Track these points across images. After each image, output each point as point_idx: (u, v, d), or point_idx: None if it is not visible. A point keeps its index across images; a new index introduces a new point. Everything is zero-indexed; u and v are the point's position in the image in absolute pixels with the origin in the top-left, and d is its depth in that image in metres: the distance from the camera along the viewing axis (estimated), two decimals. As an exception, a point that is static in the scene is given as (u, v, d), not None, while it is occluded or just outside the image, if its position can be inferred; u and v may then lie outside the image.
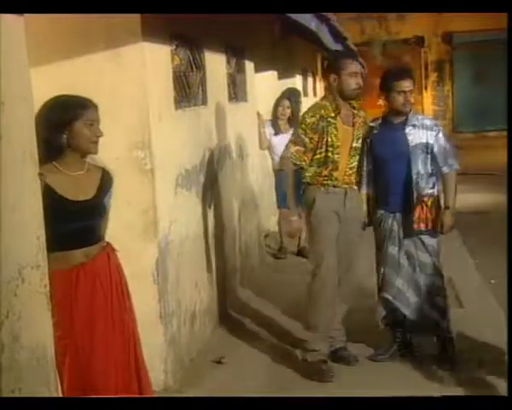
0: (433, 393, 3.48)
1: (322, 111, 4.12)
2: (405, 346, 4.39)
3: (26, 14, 2.15)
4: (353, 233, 4.28)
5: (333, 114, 4.13)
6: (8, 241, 2.01)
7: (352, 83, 4.14)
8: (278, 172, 7.07)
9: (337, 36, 9.80)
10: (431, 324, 4.23)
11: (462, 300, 5.26)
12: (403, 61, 19.19)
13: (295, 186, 6.81)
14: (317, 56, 14.45)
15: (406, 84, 4.14)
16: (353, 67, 4.17)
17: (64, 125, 2.83)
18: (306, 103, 10.11)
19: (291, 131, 6.98)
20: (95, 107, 2.92)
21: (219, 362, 4.46)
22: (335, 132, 4.11)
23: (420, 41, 20.31)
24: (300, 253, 7.13)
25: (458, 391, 3.63)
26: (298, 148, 4.13)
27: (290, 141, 4.24)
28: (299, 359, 4.29)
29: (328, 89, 4.27)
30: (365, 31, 19.85)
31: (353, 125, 4.20)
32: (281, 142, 6.95)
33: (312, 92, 13.44)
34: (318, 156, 4.14)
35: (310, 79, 13.10)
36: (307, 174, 4.18)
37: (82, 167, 2.94)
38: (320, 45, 9.55)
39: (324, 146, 4.11)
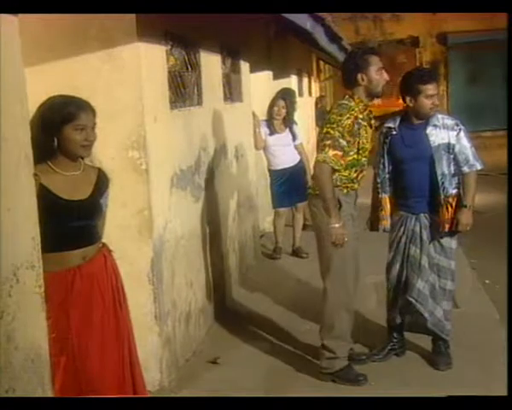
0: (430, 393, 3.48)
1: (354, 113, 3.93)
2: (400, 346, 4.40)
3: (20, 15, 2.15)
4: (359, 234, 4.22)
5: (361, 116, 3.98)
6: (2, 241, 2.01)
7: (381, 79, 4.00)
8: (273, 173, 7.10)
9: (332, 36, 9.80)
10: (438, 327, 4.21)
11: (457, 300, 5.27)
12: (398, 62, 19.22)
13: (292, 185, 6.81)
14: (312, 57, 14.47)
15: (433, 88, 4.08)
16: (380, 62, 4.03)
17: (54, 129, 2.81)
18: (302, 103, 10.16)
19: (286, 132, 7.00)
20: (89, 110, 2.89)
21: (214, 362, 4.46)
22: (366, 135, 4.00)
23: (415, 41, 20.33)
24: (295, 253, 7.15)
25: (456, 391, 3.63)
26: (336, 152, 3.85)
27: (326, 145, 3.85)
28: (322, 370, 4.13)
29: (351, 88, 4.03)
30: (360, 31, 19.86)
31: (371, 126, 4.11)
32: (276, 142, 6.99)
33: (307, 92, 13.45)
34: (349, 159, 3.95)
35: (305, 80, 13.11)
36: (332, 176, 3.93)
37: (78, 167, 2.94)
38: (315, 46, 9.55)
39: (356, 149, 3.96)
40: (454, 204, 4.10)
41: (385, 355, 4.35)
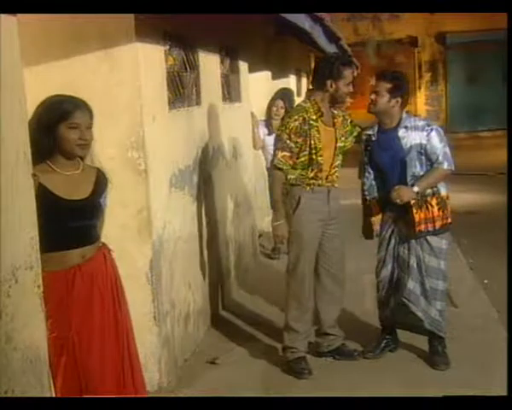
0: (429, 393, 3.48)
1: (305, 114, 4.12)
2: (394, 342, 4.42)
3: (18, 14, 2.14)
4: (339, 230, 4.34)
5: (314, 117, 4.13)
6: (1, 242, 2.00)
7: (347, 90, 4.18)
8: (272, 172, 7.09)
9: (331, 36, 9.81)
10: (435, 326, 4.22)
11: (455, 300, 5.28)
12: (397, 61, 19.25)
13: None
14: (310, 57, 14.48)
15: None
16: (351, 75, 4.20)
17: (50, 128, 2.82)
18: (300, 103, 10.12)
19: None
20: (84, 109, 2.89)
21: (213, 362, 4.46)
22: (318, 135, 4.13)
23: (413, 41, 20.36)
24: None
25: (454, 391, 3.63)
26: (284, 153, 4.11)
27: (277, 148, 4.18)
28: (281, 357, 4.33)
29: (313, 92, 4.23)
30: (359, 31, 19.88)
31: (334, 126, 4.25)
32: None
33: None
34: (302, 159, 4.14)
35: (303, 80, 13.11)
36: (291, 176, 4.18)
37: (76, 167, 2.94)
38: (314, 46, 9.56)
39: (308, 149, 4.12)
40: (434, 203, 4.11)
41: (380, 352, 4.37)
